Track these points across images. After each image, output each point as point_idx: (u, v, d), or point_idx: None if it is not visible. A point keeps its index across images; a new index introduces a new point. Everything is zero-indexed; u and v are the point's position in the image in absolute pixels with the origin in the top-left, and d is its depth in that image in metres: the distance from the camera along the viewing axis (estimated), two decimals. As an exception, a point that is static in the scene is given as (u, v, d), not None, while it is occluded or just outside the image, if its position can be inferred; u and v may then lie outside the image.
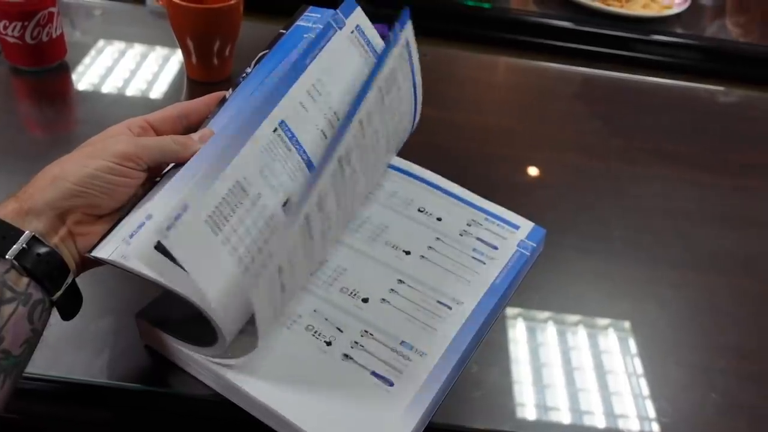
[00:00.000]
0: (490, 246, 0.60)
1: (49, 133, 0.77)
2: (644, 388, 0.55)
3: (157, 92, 0.82)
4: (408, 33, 0.55)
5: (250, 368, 0.48)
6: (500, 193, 0.65)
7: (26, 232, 0.41)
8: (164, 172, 0.49)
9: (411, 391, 0.48)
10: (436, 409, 0.49)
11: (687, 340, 0.60)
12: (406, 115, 0.60)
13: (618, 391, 0.54)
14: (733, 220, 0.74)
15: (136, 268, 0.43)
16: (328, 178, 0.48)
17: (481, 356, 0.55)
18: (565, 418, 0.52)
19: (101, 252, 0.44)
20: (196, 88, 0.82)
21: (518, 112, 0.90)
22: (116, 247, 0.44)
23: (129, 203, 0.47)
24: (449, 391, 0.51)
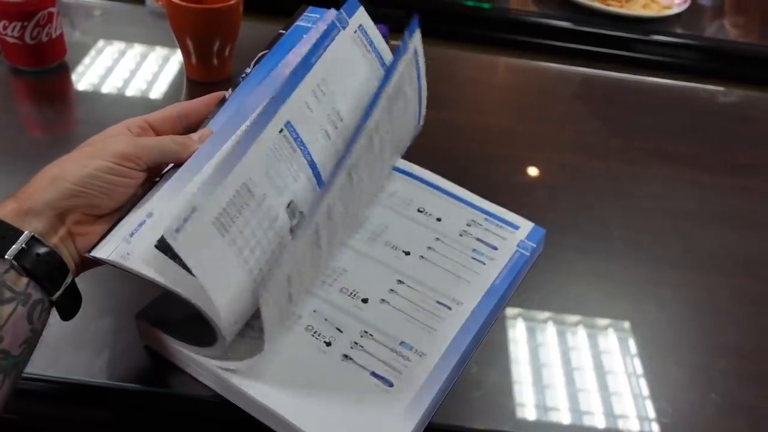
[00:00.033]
0: (489, 246, 0.60)
1: (49, 133, 0.77)
2: (644, 388, 0.55)
3: (157, 92, 0.82)
4: (416, 41, 0.55)
5: (250, 369, 0.48)
6: (500, 194, 0.64)
7: (26, 232, 0.41)
8: (164, 172, 0.49)
9: (411, 392, 0.48)
10: (436, 409, 0.49)
11: (687, 340, 0.60)
12: (412, 120, 0.60)
13: (618, 392, 0.54)
14: (733, 221, 0.74)
15: (135, 268, 0.43)
16: (338, 189, 0.48)
17: (481, 356, 0.55)
18: (565, 418, 0.52)
19: (101, 252, 0.44)
20: (196, 88, 0.82)
21: (518, 113, 0.90)
22: (116, 247, 0.44)
23: (128, 203, 0.47)
24: (449, 391, 0.51)
